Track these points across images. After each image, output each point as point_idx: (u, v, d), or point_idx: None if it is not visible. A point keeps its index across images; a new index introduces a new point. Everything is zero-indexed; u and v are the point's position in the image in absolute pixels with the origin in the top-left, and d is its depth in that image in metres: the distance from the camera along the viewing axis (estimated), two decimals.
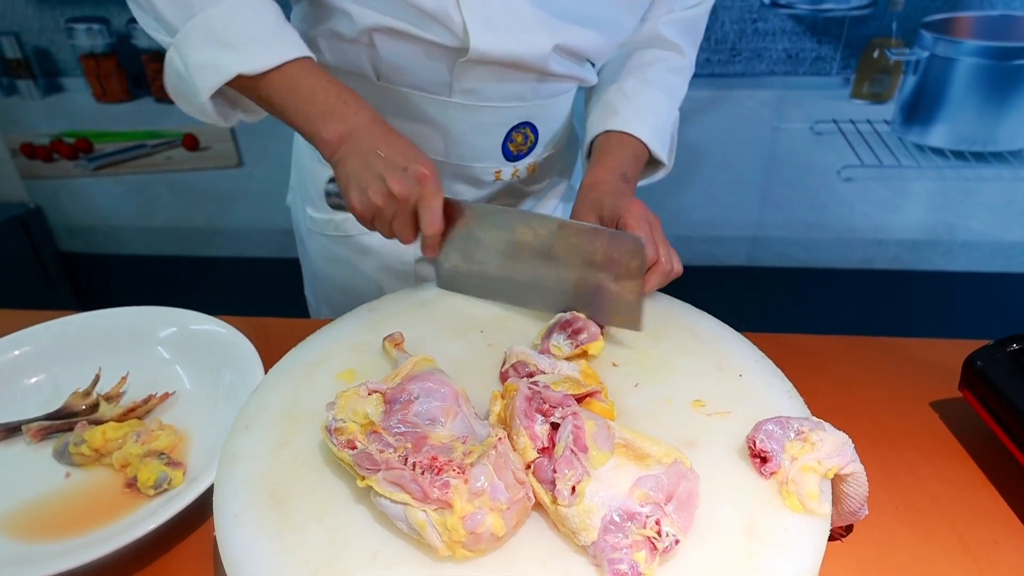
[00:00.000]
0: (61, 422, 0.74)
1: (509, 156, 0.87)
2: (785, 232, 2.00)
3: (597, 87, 0.90)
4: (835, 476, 0.51)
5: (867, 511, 0.54)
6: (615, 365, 0.65)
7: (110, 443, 0.70)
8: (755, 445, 0.52)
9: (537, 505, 0.50)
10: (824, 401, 0.61)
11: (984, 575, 0.60)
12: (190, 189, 2.06)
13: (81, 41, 1.87)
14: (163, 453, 0.69)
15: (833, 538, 0.59)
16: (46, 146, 2.04)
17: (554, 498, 0.48)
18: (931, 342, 0.89)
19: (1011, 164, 1.83)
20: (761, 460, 0.52)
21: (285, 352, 0.68)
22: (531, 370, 0.61)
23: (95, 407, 0.76)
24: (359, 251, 0.95)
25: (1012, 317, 1.99)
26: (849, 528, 0.62)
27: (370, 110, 0.71)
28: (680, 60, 0.89)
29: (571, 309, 0.69)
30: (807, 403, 0.60)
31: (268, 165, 1.99)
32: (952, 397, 0.77)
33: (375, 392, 0.56)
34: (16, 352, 0.82)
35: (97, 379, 0.78)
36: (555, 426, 0.52)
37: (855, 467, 0.51)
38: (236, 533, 0.50)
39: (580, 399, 0.56)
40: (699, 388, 0.62)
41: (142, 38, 1.87)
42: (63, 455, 0.70)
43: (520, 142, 0.87)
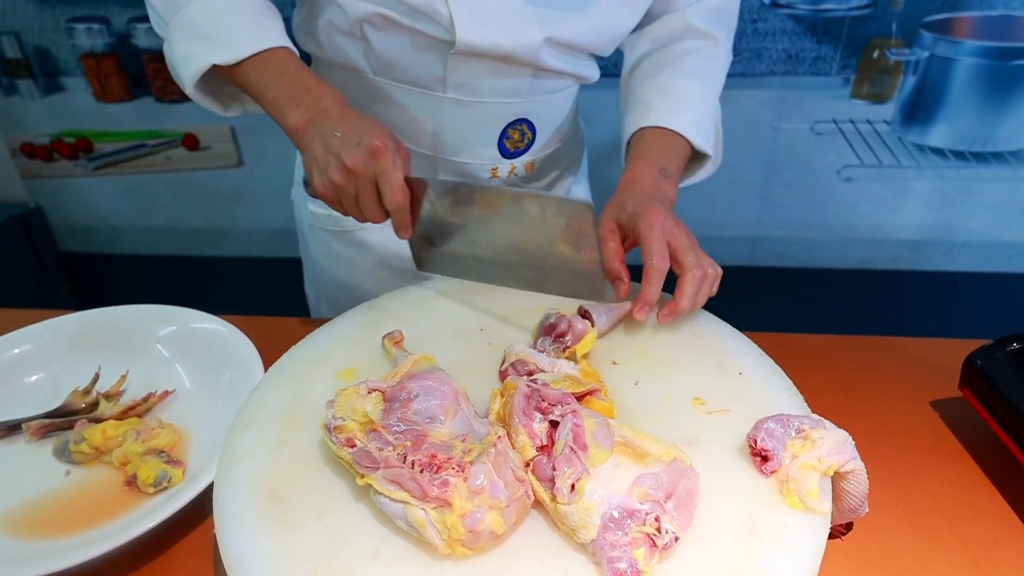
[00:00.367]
0: (61, 420, 0.74)
1: (506, 153, 0.86)
2: (785, 232, 2.00)
3: (631, 86, 0.87)
4: (835, 474, 0.51)
5: (867, 509, 0.54)
6: (615, 363, 0.65)
7: (110, 441, 0.70)
8: (756, 443, 0.52)
9: (536, 503, 0.50)
10: (824, 400, 0.61)
11: (984, 574, 0.60)
12: (190, 189, 2.06)
13: (81, 41, 1.87)
14: (163, 451, 0.69)
15: (833, 536, 0.59)
16: (46, 146, 2.04)
17: (553, 496, 0.48)
18: (931, 341, 0.89)
19: (1011, 164, 1.83)
20: (762, 459, 0.52)
21: (285, 351, 0.68)
22: (531, 368, 0.61)
23: (95, 405, 0.76)
24: (358, 247, 0.95)
25: (1012, 317, 1.99)
26: (849, 526, 0.62)
27: (334, 96, 0.70)
28: (715, 48, 0.86)
29: (537, 285, 0.67)
30: (807, 402, 0.60)
31: (268, 165, 1.99)
32: (952, 396, 0.77)
33: (375, 390, 0.56)
34: (16, 350, 0.82)
35: (97, 377, 0.78)
36: (554, 424, 0.52)
37: (855, 464, 0.51)
38: (236, 531, 0.50)
39: (580, 397, 0.56)
40: (699, 386, 0.62)
41: (142, 38, 1.87)
42: (63, 453, 0.70)
43: (517, 139, 0.86)
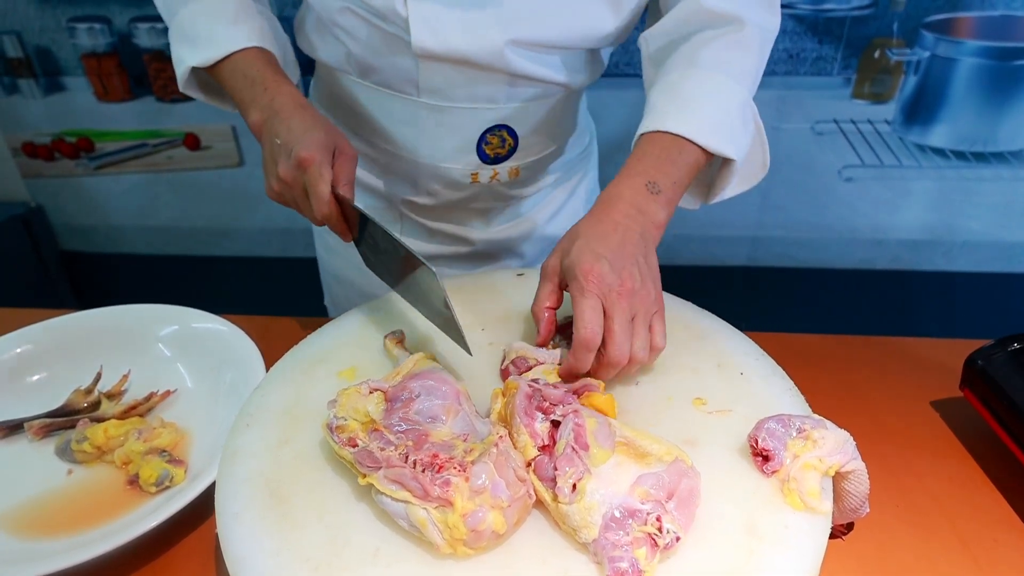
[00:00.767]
0: (63, 420, 0.74)
1: (485, 159, 0.84)
2: (786, 232, 2.00)
3: (649, 90, 0.75)
4: (836, 474, 0.51)
5: (868, 509, 0.54)
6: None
7: (112, 441, 0.70)
8: (757, 443, 0.52)
9: (538, 503, 0.50)
10: (825, 401, 0.61)
11: (984, 574, 0.60)
12: (191, 188, 2.06)
13: (82, 40, 1.87)
14: (165, 451, 0.69)
15: (834, 536, 0.59)
16: (47, 145, 2.04)
17: (555, 496, 0.48)
18: (932, 341, 0.89)
19: (1012, 164, 1.83)
20: (763, 459, 0.52)
21: (286, 350, 0.68)
22: (531, 364, 0.61)
23: (97, 405, 0.76)
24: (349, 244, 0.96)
25: (1012, 317, 1.99)
26: (850, 526, 0.62)
27: (289, 95, 0.70)
28: (739, 32, 0.71)
29: (432, 319, 0.66)
30: (808, 402, 0.60)
31: None
32: (953, 396, 0.77)
33: (376, 390, 0.56)
34: (18, 350, 0.82)
35: (99, 377, 0.79)
36: (555, 424, 0.52)
37: (856, 464, 0.51)
38: (237, 531, 0.50)
39: (579, 392, 0.56)
40: (700, 386, 0.62)
41: (143, 37, 1.87)
42: (65, 452, 0.71)
43: (497, 145, 0.82)
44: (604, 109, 1.04)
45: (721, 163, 0.73)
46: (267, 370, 0.68)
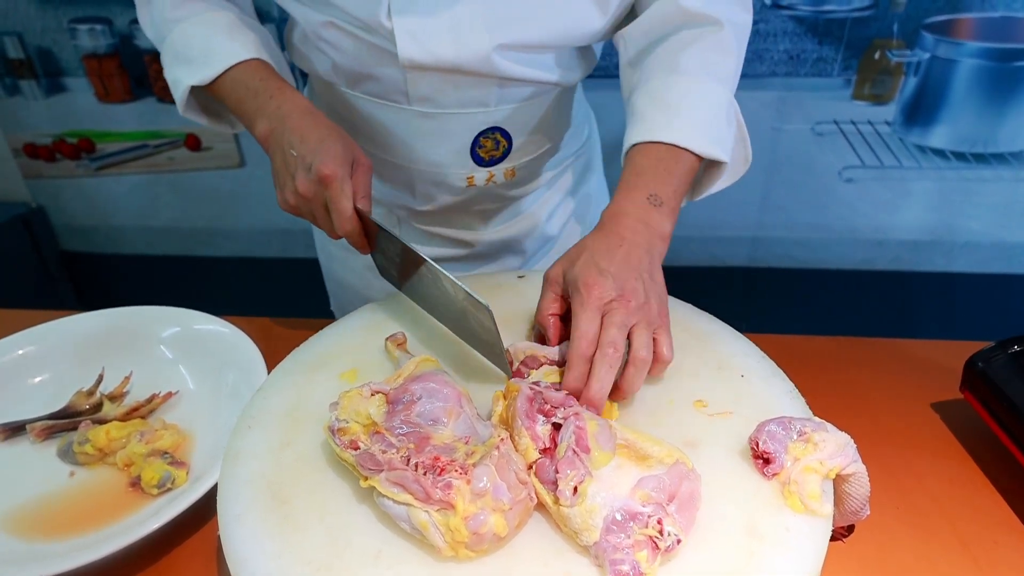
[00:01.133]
0: (65, 421, 0.74)
1: (480, 161, 0.83)
2: (786, 233, 2.00)
3: (628, 93, 0.76)
4: (837, 476, 0.51)
5: (869, 511, 0.54)
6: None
7: (114, 442, 0.70)
8: (758, 446, 0.52)
9: (539, 505, 0.50)
10: (825, 402, 0.61)
11: (984, 575, 0.60)
12: (192, 189, 2.07)
13: (83, 41, 1.88)
14: (167, 453, 0.69)
15: (834, 538, 0.59)
16: (48, 146, 2.05)
17: (556, 498, 0.48)
18: (932, 343, 0.89)
19: (1012, 165, 1.83)
20: (764, 461, 0.52)
21: (288, 352, 0.69)
22: (541, 362, 0.61)
23: (99, 406, 0.76)
24: (349, 249, 0.95)
25: (1013, 318, 1.99)
26: (850, 528, 0.62)
27: (296, 103, 0.70)
28: (719, 33, 0.72)
29: (462, 335, 0.66)
30: (808, 404, 0.60)
31: (270, 166, 1.99)
32: (953, 398, 0.77)
33: (378, 392, 0.56)
34: (20, 352, 0.82)
35: (100, 378, 0.79)
36: (557, 426, 0.52)
37: (857, 467, 0.51)
38: (239, 533, 0.50)
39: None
40: (700, 388, 0.62)
41: (144, 39, 1.86)
42: (67, 454, 0.71)
43: (491, 147, 0.82)
44: (604, 109, 1.04)
45: (708, 163, 0.74)
46: (269, 372, 0.68)
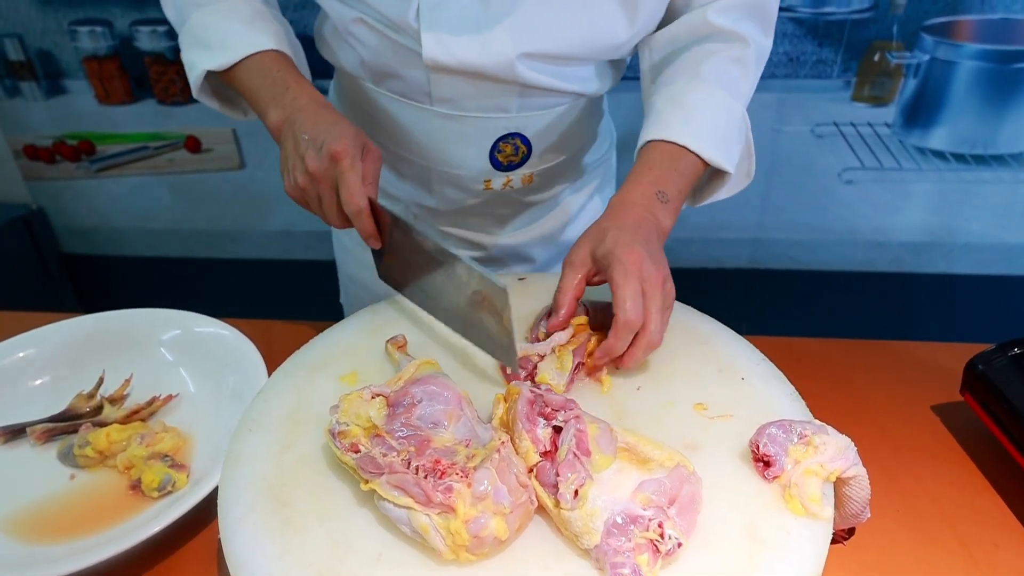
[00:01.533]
0: (65, 424, 0.74)
1: (499, 166, 0.83)
2: (786, 234, 2.00)
3: (649, 94, 0.79)
4: (837, 479, 0.52)
5: (869, 514, 0.54)
6: (617, 368, 0.65)
7: (114, 445, 0.70)
8: (758, 449, 0.52)
9: (540, 509, 0.50)
10: (825, 405, 0.62)
11: None
12: (192, 191, 2.07)
13: (84, 43, 1.88)
14: (167, 455, 0.69)
15: (835, 541, 0.59)
16: (49, 148, 2.05)
17: (557, 502, 0.48)
18: (932, 345, 0.89)
19: (1012, 167, 1.84)
20: (764, 464, 0.52)
21: (288, 355, 0.69)
22: (535, 362, 0.62)
23: (99, 409, 0.76)
24: (361, 244, 0.96)
25: (1013, 320, 1.99)
26: (851, 531, 0.62)
27: (310, 95, 0.70)
28: (742, 49, 0.75)
29: (465, 333, 0.67)
30: (808, 406, 0.60)
31: (270, 167, 1.99)
32: (953, 401, 0.77)
33: (378, 395, 0.56)
34: (20, 354, 0.82)
35: (101, 381, 0.79)
36: (557, 430, 0.52)
37: (857, 470, 0.52)
38: (240, 536, 0.50)
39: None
40: (701, 391, 0.62)
41: (144, 40, 1.87)
42: (67, 457, 0.71)
43: (510, 152, 0.82)
44: (614, 109, 1.03)
45: (712, 172, 0.76)
46: (269, 374, 0.69)
